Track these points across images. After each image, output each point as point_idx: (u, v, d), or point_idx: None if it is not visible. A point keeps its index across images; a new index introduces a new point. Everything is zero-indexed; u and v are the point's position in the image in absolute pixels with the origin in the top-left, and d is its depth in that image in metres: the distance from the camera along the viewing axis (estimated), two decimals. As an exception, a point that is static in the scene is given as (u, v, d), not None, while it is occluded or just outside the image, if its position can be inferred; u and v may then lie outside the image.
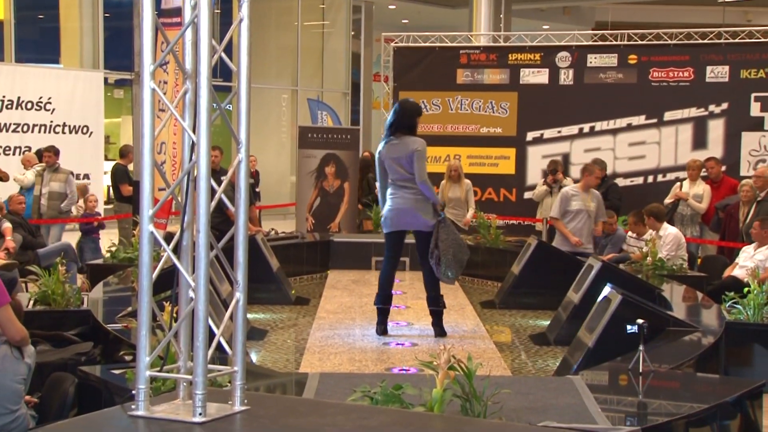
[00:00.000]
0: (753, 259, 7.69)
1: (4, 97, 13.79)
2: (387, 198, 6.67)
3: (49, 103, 14.23)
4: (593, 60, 12.45)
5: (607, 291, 5.62)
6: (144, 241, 2.79)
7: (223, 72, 14.30)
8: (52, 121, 14.25)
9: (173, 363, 2.97)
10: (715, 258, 9.23)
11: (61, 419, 3.90)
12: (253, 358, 6.03)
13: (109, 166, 12.38)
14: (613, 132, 12.36)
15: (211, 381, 2.81)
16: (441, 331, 6.63)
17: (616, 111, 12.31)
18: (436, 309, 6.66)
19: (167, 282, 3.01)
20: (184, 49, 2.89)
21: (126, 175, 11.30)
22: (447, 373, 3.40)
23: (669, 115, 12.13)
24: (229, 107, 3.12)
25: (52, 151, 10.69)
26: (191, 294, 2.78)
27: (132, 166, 11.26)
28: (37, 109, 14.11)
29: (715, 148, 11.78)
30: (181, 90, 2.93)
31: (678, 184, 10.66)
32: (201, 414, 2.68)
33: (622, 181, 11.86)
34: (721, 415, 4.09)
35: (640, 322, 4.53)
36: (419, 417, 3.04)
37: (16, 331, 4.11)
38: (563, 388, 4.27)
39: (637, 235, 8.76)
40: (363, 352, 6.12)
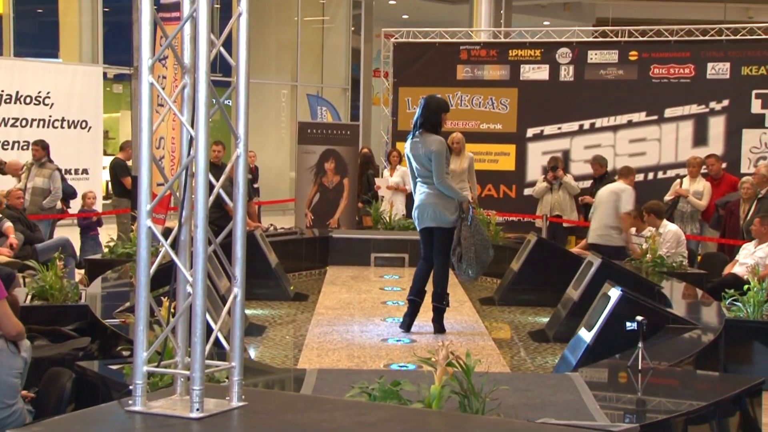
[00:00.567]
0: (753, 257, 7.69)
1: (3, 91, 13.76)
2: (414, 193, 6.80)
3: (48, 97, 14.21)
4: (594, 56, 12.45)
5: (606, 288, 5.62)
6: (142, 236, 2.78)
7: (223, 67, 14.27)
8: (50, 116, 14.22)
9: (171, 358, 2.96)
10: (715, 255, 9.23)
11: (58, 414, 3.89)
12: (251, 353, 6.03)
13: (108, 161, 12.34)
14: (614, 129, 12.36)
15: (209, 377, 2.81)
16: (440, 328, 6.63)
17: (617, 107, 12.30)
18: (439, 306, 6.66)
19: (165, 277, 3.01)
20: (183, 44, 2.89)
21: (126, 168, 11.27)
22: (445, 369, 3.40)
23: (669, 111, 12.13)
24: (228, 102, 3.11)
25: (39, 145, 10.50)
26: (189, 289, 2.78)
27: (131, 161, 11.24)
28: (35, 104, 14.09)
29: (715, 145, 11.78)
30: (179, 85, 2.93)
31: (678, 181, 10.66)
32: (198, 410, 2.68)
33: (623, 178, 11.85)
34: (721, 413, 4.09)
35: (640, 319, 4.53)
36: (417, 413, 3.04)
37: (12, 326, 4.12)
38: (562, 385, 4.27)
39: (636, 231, 8.76)
40: (361, 348, 6.11)
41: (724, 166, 10.86)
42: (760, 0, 21.88)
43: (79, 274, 8.33)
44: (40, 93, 14.14)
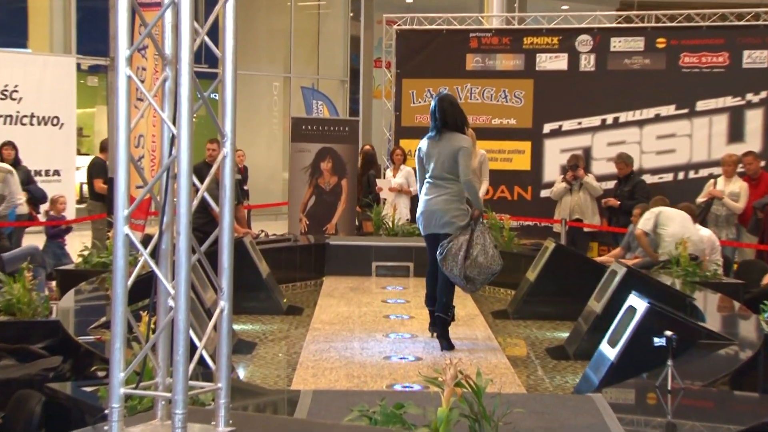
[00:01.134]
0: (795, 265, 7.70)
1: (-34, 84, 13.84)
2: (420, 196, 6.90)
3: (16, 91, 14.25)
4: (617, 44, 12.47)
5: (632, 299, 5.62)
6: (119, 244, 2.79)
7: (208, 57, 14.32)
8: (18, 112, 14.27)
9: (150, 379, 2.97)
10: (754, 263, 9.23)
11: (27, 441, 3.91)
12: (240, 373, 6.04)
13: (83, 161, 12.35)
14: (640, 123, 12.38)
15: (193, 399, 2.82)
16: (448, 344, 6.65)
17: (643, 100, 12.32)
18: (444, 317, 6.70)
19: (144, 289, 3.01)
20: (164, 33, 2.90)
21: (103, 169, 11.28)
22: (453, 390, 3.40)
23: (702, 104, 12.14)
24: (214, 96, 3.12)
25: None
26: (171, 303, 2.79)
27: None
28: (2, 98, 14.13)
29: (753, 141, 11.80)
30: (160, 77, 2.94)
31: (712, 181, 10.67)
32: (181, 436, 2.68)
33: (650, 178, 11.88)
34: (759, 438, 4.08)
35: (669, 334, 4.53)
36: (423, 439, 3.03)
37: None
38: (583, 407, 4.27)
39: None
40: (361, 367, 6.12)
41: (762, 164, 10.87)
42: (802, -19, 21.89)
43: (49, 286, 8.33)
44: (6, 86, 14.19)
